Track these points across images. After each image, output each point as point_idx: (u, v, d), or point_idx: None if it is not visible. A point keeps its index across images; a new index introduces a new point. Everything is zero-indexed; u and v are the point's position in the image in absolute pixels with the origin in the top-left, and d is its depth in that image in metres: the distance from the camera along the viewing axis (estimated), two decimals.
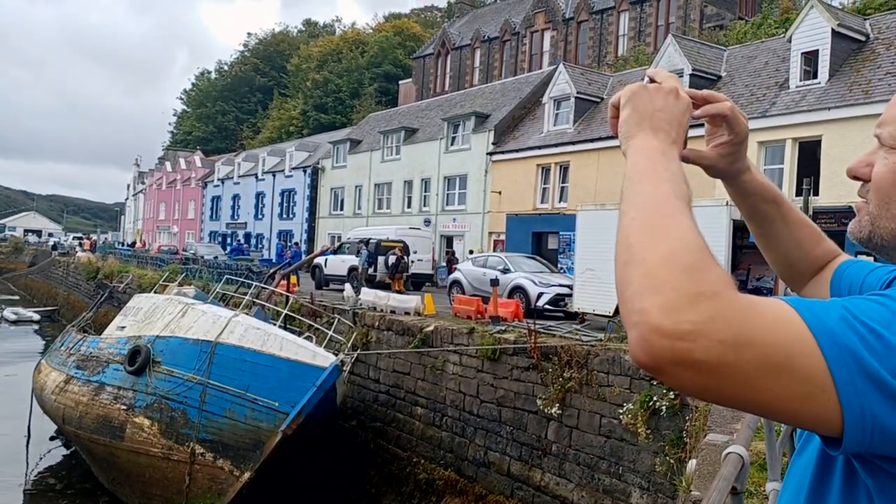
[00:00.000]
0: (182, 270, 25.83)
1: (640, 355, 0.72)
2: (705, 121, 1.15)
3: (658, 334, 0.70)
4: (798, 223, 1.25)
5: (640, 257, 0.77)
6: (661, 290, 0.72)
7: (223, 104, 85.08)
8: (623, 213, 0.84)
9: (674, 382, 0.72)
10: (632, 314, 0.73)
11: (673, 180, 0.87)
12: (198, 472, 11.49)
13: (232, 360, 12.00)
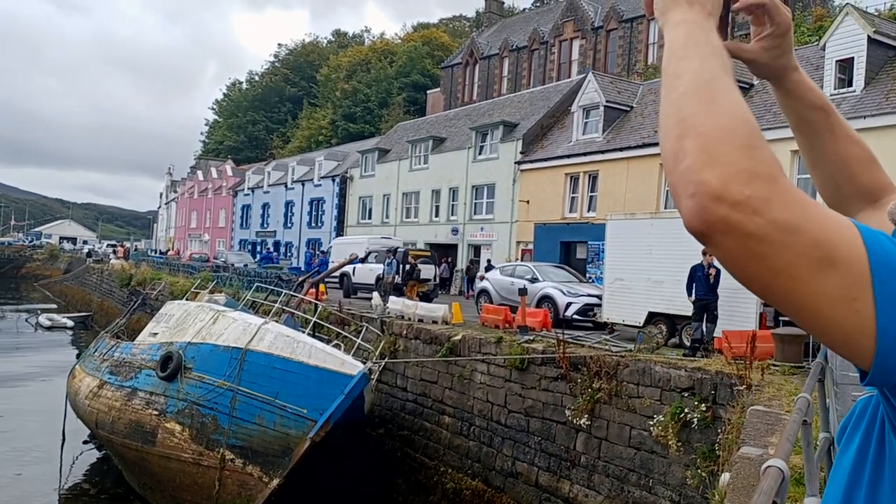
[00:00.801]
0: (213, 278, 26.18)
1: (695, 222, 0.75)
2: (750, 21, 1.14)
3: (717, 202, 0.73)
4: (847, 138, 1.19)
5: (697, 131, 0.78)
6: (721, 163, 0.74)
7: (254, 114, 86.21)
8: (671, 88, 0.85)
9: (720, 252, 0.75)
10: (688, 185, 0.75)
11: (717, 53, 0.88)
12: (227, 477, 11.59)
13: (262, 367, 12.11)
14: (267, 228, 53.48)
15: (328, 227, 45.63)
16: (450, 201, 35.21)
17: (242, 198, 58.31)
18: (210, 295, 17.57)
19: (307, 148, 68.80)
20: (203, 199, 66.32)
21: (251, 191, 56.87)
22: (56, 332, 38.38)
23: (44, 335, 37.80)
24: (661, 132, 0.83)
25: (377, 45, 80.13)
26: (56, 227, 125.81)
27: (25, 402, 21.65)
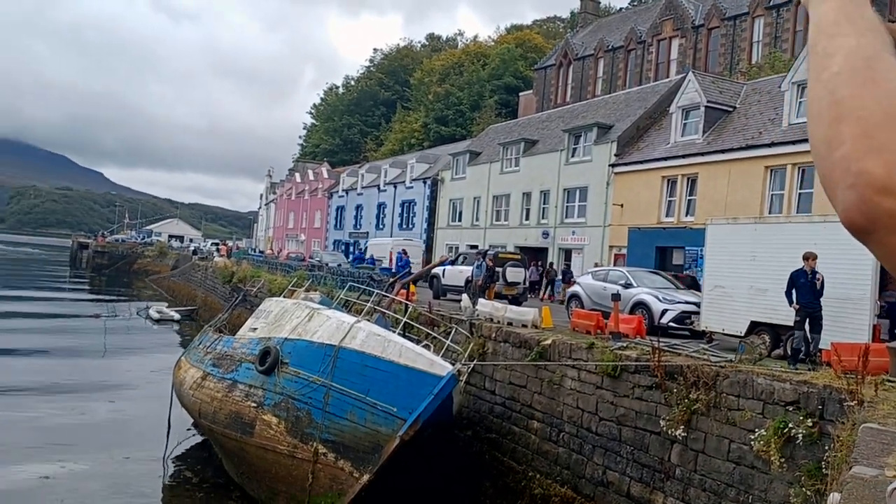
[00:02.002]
0: (308, 277, 26.97)
1: (855, 216, 0.69)
2: None
3: (882, 194, 0.67)
4: None
5: (856, 115, 0.71)
6: (887, 150, 0.68)
7: (349, 118, 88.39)
8: (821, 68, 0.77)
9: (883, 250, 0.70)
10: (846, 175, 0.69)
11: (873, 29, 0.80)
12: (320, 471, 11.89)
13: (354, 365, 12.35)
14: (360, 229, 54.69)
15: (419, 228, 46.20)
16: (541, 204, 34.92)
17: (337, 199, 59.87)
18: (306, 293, 18.11)
19: (399, 151, 69.94)
20: (300, 200, 68.54)
21: (345, 192, 58.32)
22: (164, 325, 40.57)
23: (153, 327, 40.06)
24: (809, 117, 0.76)
25: (470, 48, 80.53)
26: (165, 225, 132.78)
27: (135, 390, 23.00)
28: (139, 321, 41.80)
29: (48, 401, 20.00)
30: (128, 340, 34.46)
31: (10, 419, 17.45)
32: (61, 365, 25.36)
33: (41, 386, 21.50)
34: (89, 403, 20.46)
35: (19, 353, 27.09)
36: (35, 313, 39.97)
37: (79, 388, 22.06)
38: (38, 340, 30.34)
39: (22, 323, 35.79)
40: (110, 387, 23.09)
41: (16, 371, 23.30)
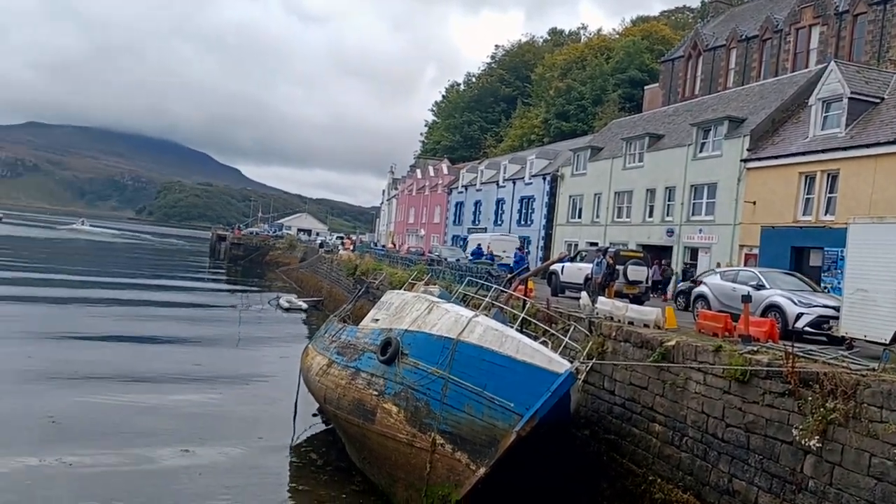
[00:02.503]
0: (427, 271, 27.49)
1: None
2: None
3: None
4: None
5: None
6: None
7: (470, 114, 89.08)
8: None
9: None
10: None
11: None
12: (438, 461, 12.12)
13: (471, 359, 12.48)
14: (478, 225, 55.05)
15: (537, 225, 45.91)
16: (665, 201, 33.77)
17: (456, 195, 60.56)
18: (425, 286, 18.47)
19: (519, 147, 69.74)
20: (420, 196, 69.89)
21: (464, 188, 58.88)
22: (293, 314, 42.69)
23: (283, 315, 42.24)
24: None
25: (593, 42, 78.96)
26: (294, 219, 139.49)
27: (266, 376, 24.34)
28: (270, 310, 44.18)
29: (188, 388, 21.31)
30: (259, 329, 36.50)
31: (153, 405, 18.78)
32: (200, 353, 27.09)
33: (181, 374, 22.93)
34: (225, 389, 21.83)
35: (161, 340, 29.10)
36: (178, 302, 43.03)
37: (215, 375, 23.42)
38: (179, 329, 32.58)
39: (166, 311, 38.47)
40: (244, 372, 24.54)
41: (159, 359, 25.01)
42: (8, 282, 43.79)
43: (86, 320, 32.05)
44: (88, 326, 30.18)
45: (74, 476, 13.38)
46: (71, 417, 16.73)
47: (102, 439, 15.50)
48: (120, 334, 28.96)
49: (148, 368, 22.97)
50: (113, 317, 34.22)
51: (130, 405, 18.45)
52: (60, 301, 37.79)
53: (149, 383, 21.19)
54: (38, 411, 16.83)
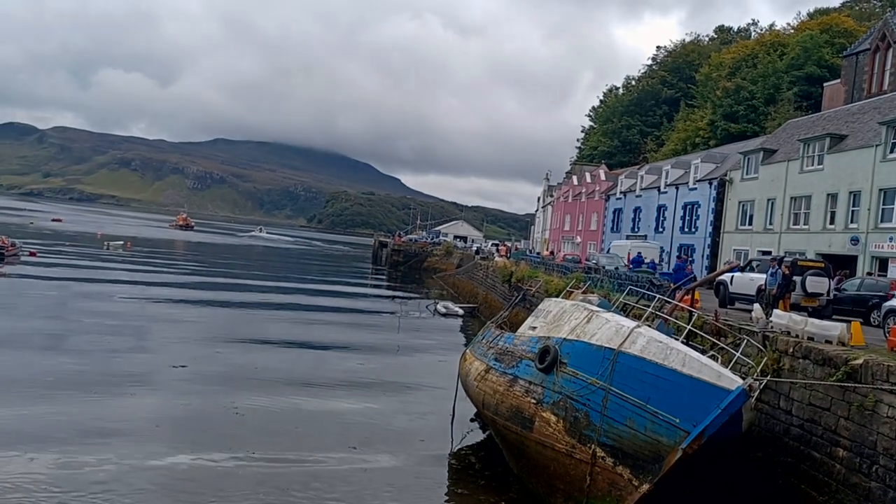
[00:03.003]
0: (585, 279, 27.02)
1: None
2: None
3: None
4: None
5: None
6: None
7: (629, 118, 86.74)
8: None
9: None
10: None
11: None
12: (598, 474, 11.87)
13: (633, 370, 12.12)
14: (638, 232, 53.36)
15: (702, 232, 43.73)
16: (849, 206, 30.94)
17: (614, 202, 59.10)
18: (583, 295, 18.17)
19: (682, 151, 66.87)
20: (577, 202, 68.90)
21: (623, 195, 57.32)
22: (449, 319, 43.62)
23: (440, 320, 43.28)
24: None
25: (765, 38, 74.13)
26: (451, 227, 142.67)
27: (424, 379, 24.99)
28: (428, 315, 45.45)
29: (351, 393, 21.91)
30: (418, 335, 37.60)
31: (317, 411, 19.48)
32: (362, 358, 27.80)
33: (345, 380, 23.49)
34: (385, 392, 22.52)
35: (327, 346, 30.16)
36: (343, 308, 44.96)
37: (376, 379, 24.05)
38: (343, 335, 33.58)
39: (332, 317, 40.22)
40: (403, 377, 25.29)
41: (325, 365, 25.86)
42: (199, 286, 48.37)
43: (263, 325, 34.16)
44: (265, 331, 32.08)
45: (252, 470, 14.30)
46: (250, 415, 18.06)
47: (277, 437, 16.56)
48: (291, 339, 30.54)
49: (315, 374, 23.88)
50: (287, 321, 36.36)
51: (298, 408, 19.43)
52: (243, 305, 40.88)
53: (314, 388, 21.99)
54: (224, 407, 18.47)
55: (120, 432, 15.56)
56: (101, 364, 22.02)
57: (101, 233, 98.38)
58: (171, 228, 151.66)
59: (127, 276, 48.63)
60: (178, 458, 14.40)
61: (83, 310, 32.42)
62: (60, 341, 24.65)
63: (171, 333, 28.74)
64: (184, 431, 16.42)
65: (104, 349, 24.03)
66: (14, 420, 15.66)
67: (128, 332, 27.64)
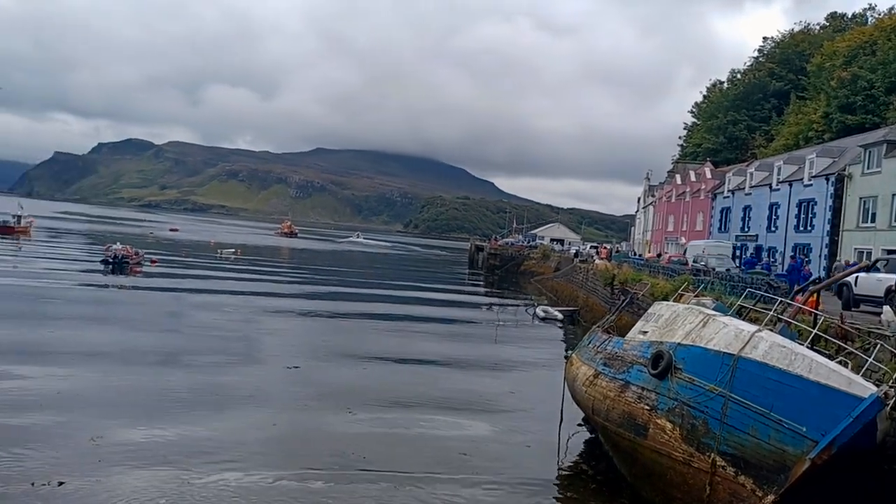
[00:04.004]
0: (693, 281, 26.12)
1: None
2: None
3: None
4: None
5: None
6: None
7: (734, 113, 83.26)
8: None
9: None
10: None
11: None
12: (718, 483, 11.42)
13: (754, 377, 11.60)
14: (748, 232, 51.09)
15: (819, 230, 41.37)
16: None
17: (721, 200, 56.85)
18: (696, 298, 17.55)
19: (794, 145, 63.52)
20: (680, 202, 66.74)
21: (731, 193, 55.05)
22: (548, 323, 43.21)
23: (539, 324, 42.95)
24: None
25: (884, 23, 69.31)
26: (547, 229, 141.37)
27: (526, 382, 24.78)
28: (527, 319, 45.19)
29: (447, 414, 20.55)
30: (514, 338, 37.44)
31: (419, 436, 18.15)
32: (457, 375, 25.78)
33: (446, 398, 21.78)
34: (490, 391, 22.58)
35: (426, 361, 27.76)
36: (442, 318, 42.18)
37: (478, 390, 23.16)
38: (443, 347, 31.45)
39: (431, 327, 38.13)
40: (505, 381, 25.23)
41: (423, 382, 23.80)
42: (303, 295, 49.51)
43: (363, 336, 32.99)
44: (364, 343, 30.73)
45: (360, 488, 13.84)
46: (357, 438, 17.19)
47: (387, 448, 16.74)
48: (388, 355, 28.34)
49: (408, 394, 21.90)
50: (385, 331, 35.17)
51: (403, 420, 18.78)
52: (344, 315, 39.71)
53: (411, 411, 20.13)
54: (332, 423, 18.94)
55: (225, 448, 15.23)
56: (210, 377, 21.79)
57: (214, 241, 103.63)
58: (276, 236, 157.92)
59: (238, 285, 49.36)
60: (281, 473, 14.04)
61: (196, 322, 32.56)
62: (173, 357, 24.18)
63: (276, 345, 28.62)
64: (288, 448, 15.94)
65: (214, 363, 23.80)
66: (133, 437, 15.48)
67: (235, 344, 27.67)
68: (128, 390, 19.26)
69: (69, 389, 18.76)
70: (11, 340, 24.29)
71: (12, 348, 23.01)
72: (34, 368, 20.46)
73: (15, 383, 18.83)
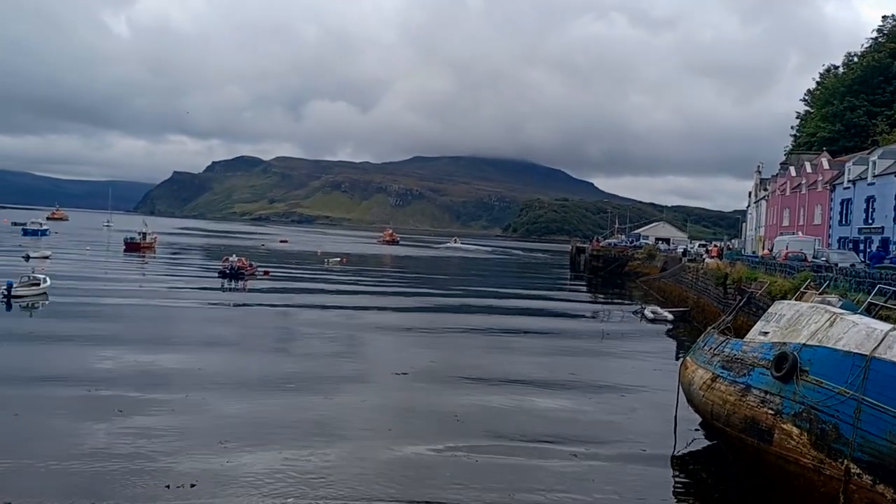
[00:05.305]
0: (814, 278, 24.73)
1: None
2: None
3: None
4: None
5: None
6: None
7: (852, 99, 78.21)
8: None
9: None
10: None
11: None
12: (853, 492, 10.77)
13: (890, 378, 10.90)
14: (872, 224, 47.80)
15: None
16: None
17: (841, 192, 53.47)
18: (820, 296, 16.64)
19: None
20: (796, 195, 63.34)
21: (851, 183, 51.69)
22: (658, 324, 42.03)
23: (647, 325, 41.87)
24: None
25: None
26: (651, 229, 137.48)
27: (640, 390, 24.11)
28: (635, 321, 44.13)
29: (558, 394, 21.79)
30: (626, 339, 36.59)
31: None
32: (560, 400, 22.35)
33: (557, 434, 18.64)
34: (602, 401, 22.14)
35: (526, 381, 24.24)
36: (543, 330, 38.20)
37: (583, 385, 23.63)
38: (543, 370, 26.51)
39: (530, 343, 34.02)
40: (612, 386, 24.64)
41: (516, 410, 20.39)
42: (406, 309, 45.20)
43: (459, 352, 29.94)
44: (459, 360, 27.58)
45: (469, 464, 14.92)
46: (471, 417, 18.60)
47: (496, 438, 17.01)
48: (488, 376, 24.76)
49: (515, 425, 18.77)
50: (485, 348, 31.40)
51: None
52: (443, 331, 35.93)
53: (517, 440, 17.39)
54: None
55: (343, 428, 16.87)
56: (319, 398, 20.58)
57: (321, 251, 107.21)
58: (379, 244, 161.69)
59: (345, 299, 47.39)
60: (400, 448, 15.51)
61: (307, 337, 31.81)
62: (285, 381, 22.27)
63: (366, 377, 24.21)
64: None
65: (325, 385, 22.10)
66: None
67: (347, 358, 26.99)
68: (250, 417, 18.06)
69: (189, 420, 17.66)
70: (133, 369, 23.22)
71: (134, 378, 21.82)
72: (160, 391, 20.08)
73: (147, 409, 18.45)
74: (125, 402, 18.62)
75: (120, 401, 18.74)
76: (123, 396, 19.26)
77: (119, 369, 22.75)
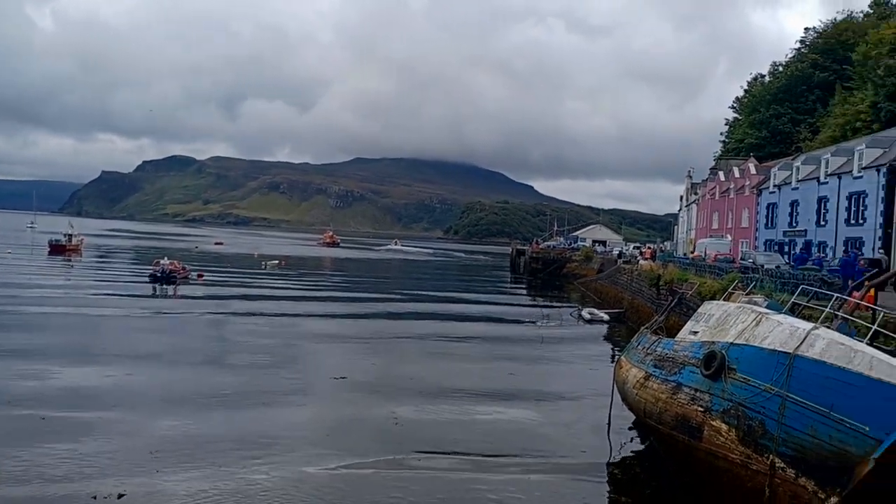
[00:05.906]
0: (742, 279, 25.60)
1: None
2: None
3: None
4: None
5: None
6: None
7: (777, 107, 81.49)
8: None
9: None
10: None
11: None
12: (778, 486, 11.15)
13: (812, 375, 11.32)
14: (796, 227, 49.90)
15: (871, 224, 40.16)
16: None
17: (768, 196, 55.67)
18: (747, 296, 17.20)
19: (841, 137, 61.76)
20: (724, 199, 65.60)
21: (777, 188, 53.88)
22: (594, 325, 42.78)
23: (584, 326, 42.56)
24: None
25: None
26: (588, 231, 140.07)
27: (574, 387, 24.46)
28: (572, 322, 44.79)
29: (497, 404, 21.49)
30: (560, 341, 37.09)
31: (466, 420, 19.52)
32: (508, 370, 26.97)
33: (489, 390, 22.83)
34: (534, 405, 22.23)
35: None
36: (483, 336, 37.05)
37: (522, 390, 23.49)
38: (480, 375, 26.67)
39: (466, 348, 33.11)
40: (549, 386, 24.93)
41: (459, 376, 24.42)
42: (346, 315, 46.67)
43: (400, 357, 29.86)
44: (403, 365, 27.75)
45: (408, 477, 14.63)
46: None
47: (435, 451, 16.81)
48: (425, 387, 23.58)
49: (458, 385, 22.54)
50: (424, 355, 30.92)
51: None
52: (382, 337, 35.24)
53: (459, 399, 21.55)
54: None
55: (280, 441, 16.37)
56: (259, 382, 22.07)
57: (258, 253, 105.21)
58: (319, 246, 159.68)
59: (283, 305, 45.79)
60: (338, 463, 15.02)
61: (243, 346, 30.02)
62: (220, 394, 21.09)
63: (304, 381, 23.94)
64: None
65: (262, 397, 21.10)
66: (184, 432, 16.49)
67: (284, 368, 25.76)
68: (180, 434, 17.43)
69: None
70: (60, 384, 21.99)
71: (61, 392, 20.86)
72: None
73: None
74: (50, 421, 17.45)
75: (44, 420, 17.48)
76: (49, 416, 17.85)
77: (42, 387, 21.06)
